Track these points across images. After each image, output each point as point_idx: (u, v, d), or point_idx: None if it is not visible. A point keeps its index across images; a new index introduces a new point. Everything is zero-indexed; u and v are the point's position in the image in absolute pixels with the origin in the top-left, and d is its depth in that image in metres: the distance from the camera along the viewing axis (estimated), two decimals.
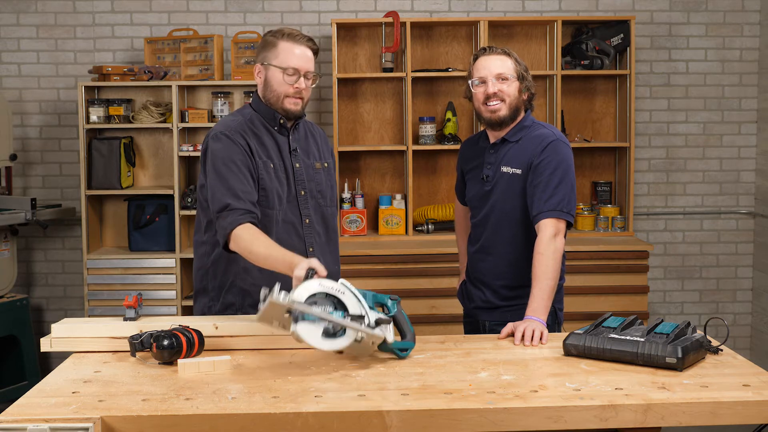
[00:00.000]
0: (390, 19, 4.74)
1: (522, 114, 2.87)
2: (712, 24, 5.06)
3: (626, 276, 4.53)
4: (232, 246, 2.52)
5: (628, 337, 2.27)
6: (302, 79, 2.63)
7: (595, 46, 4.77)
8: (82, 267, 4.71)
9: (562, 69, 4.80)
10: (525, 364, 2.29)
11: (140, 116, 4.73)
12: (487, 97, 2.79)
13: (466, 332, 3.03)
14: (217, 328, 2.40)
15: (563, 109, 4.90)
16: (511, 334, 2.55)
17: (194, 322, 2.41)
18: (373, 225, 4.96)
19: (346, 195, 4.83)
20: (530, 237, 2.79)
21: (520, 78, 2.81)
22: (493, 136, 2.89)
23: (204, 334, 2.33)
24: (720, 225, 5.18)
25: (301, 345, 2.21)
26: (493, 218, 2.86)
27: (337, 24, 4.70)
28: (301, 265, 2.29)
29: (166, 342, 2.22)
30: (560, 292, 2.91)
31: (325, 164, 2.79)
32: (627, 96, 4.83)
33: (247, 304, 2.67)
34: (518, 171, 2.80)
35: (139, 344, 2.26)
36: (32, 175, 5.05)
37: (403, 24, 4.71)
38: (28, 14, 4.96)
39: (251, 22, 4.98)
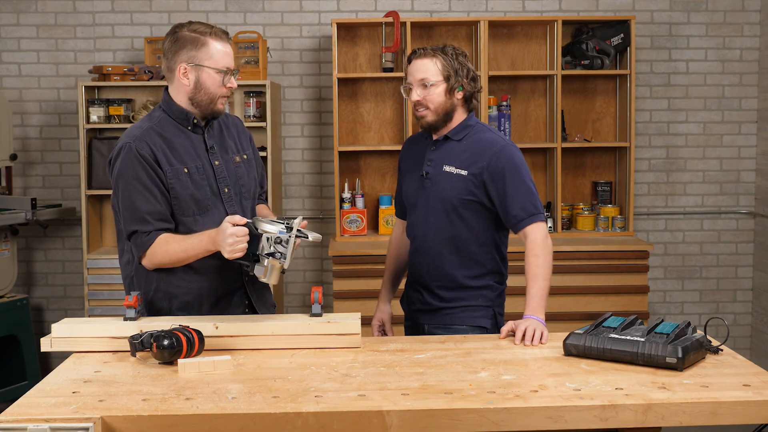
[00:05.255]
0: (390, 19, 4.74)
1: (461, 114, 2.81)
2: (712, 24, 5.06)
3: (626, 276, 4.53)
4: (150, 266, 2.55)
5: (628, 337, 2.27)
6: (233, 77, 2.57)
7: (595, 45, 4.77)
8: (82, 267, 4.71)
9: (562, 69, 4.80)
10: (525, 364, 2.29)
11: (140, 116, 4.72)
12: (415, 104, 2.78)
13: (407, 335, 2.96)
14: (217, 328, 2.40)
15: (563, 109, 4.90)
16: (512, 333, 2.55)
17: (194, 322, 2.41)
18: (373, 225, 4.96)
19: (346, 195, 4.83)
20: (471, 238, 2.78)
21: (448, 78, 2.73)
22: (436, 134, 2.83)
23: (204, 334, 2.33)
24: (720, 225, 5.18)
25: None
26: (432, 217, 2.80)
27: (337, 24, 4.70)
28: (223, 224, 2.35)
29: (166, 342, 2.22)
30: (501, 296, 2.87)
31: (245, 156, 2.71)
32: (627, 96, 4.83)
33: (175, 308, 2.60)
34: (463, 172, 2.74)
35: (139, 344, 2.26)
36: (32, 175, 5.05)
37: (404, 24, 4.71)
38: (28, 14, 4.96)
39: (251, 22, 4.98)
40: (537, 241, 2.68)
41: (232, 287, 2.65)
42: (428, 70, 2.73)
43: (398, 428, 1.92)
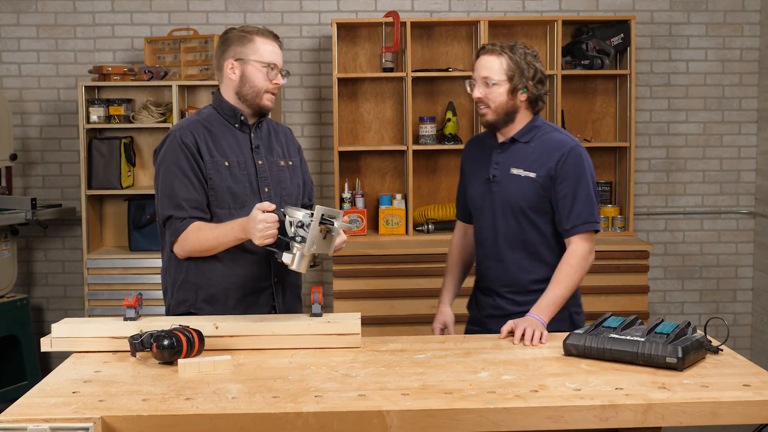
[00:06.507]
0: (390, 19, 4.74)
1: (526, 116, 2.74)
2: (712, 24, 5.06)
3: (626, 276, 4.53)
4: (182, 253, 2.58)
5: (628, 337, 2.27)
6: (279, 74, 2.63)
7: (595, 45, 4.77)
8: (82, 267, 4.71)
9: (563, 69, 4.80)
10: (525, 364, 2.29)
11: (140, 116, 4.73)
12: (476, 101, 2.73)
13: None
14: (217, 328, 2.40)
15: (563, 109, 4.90)
16: (511, 333, 2.55)
17: (194, 322, 2.42)
18: (374, 225, 4.96)
19: (346, 195, 4.83)
20: (541, 241, 2.74)
21: (511, 78, 2.66)
22: (502, 135, 2.77)
23: (204, 334, 2.33)
24: (720, 225, 5.18)
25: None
26: (500, 221, 2.75)
27: (337, 24, 4.70)
28: (253, 212, 2.37)
29: (166, 342, 2.22)
30: (576, 295, 2.81)
31: (290, 162, 2.76)
32: (627, 96, 4.83)
33: (200, 300, 2.63)
34: (532, 174, 2.69)
35: (139, 344, 2.26)
36: (32, 175, 5.05)
37: (404, 24, 4.71)
38: (28, 14, 4.96)
39: (251, 22, 4.97)
40: (578, 254, 2.66)
41: (261, 286, 2.68)
42: (492, 68, 2.67)
43: (398, 428, 1.92)
